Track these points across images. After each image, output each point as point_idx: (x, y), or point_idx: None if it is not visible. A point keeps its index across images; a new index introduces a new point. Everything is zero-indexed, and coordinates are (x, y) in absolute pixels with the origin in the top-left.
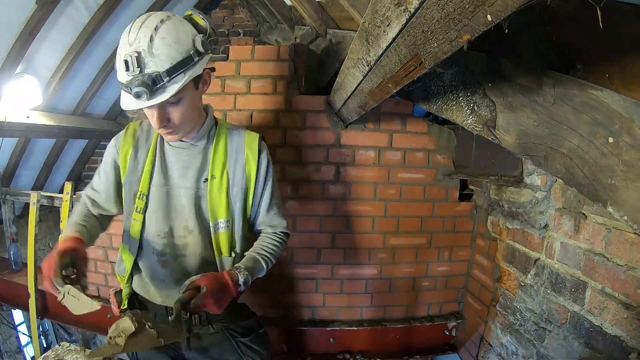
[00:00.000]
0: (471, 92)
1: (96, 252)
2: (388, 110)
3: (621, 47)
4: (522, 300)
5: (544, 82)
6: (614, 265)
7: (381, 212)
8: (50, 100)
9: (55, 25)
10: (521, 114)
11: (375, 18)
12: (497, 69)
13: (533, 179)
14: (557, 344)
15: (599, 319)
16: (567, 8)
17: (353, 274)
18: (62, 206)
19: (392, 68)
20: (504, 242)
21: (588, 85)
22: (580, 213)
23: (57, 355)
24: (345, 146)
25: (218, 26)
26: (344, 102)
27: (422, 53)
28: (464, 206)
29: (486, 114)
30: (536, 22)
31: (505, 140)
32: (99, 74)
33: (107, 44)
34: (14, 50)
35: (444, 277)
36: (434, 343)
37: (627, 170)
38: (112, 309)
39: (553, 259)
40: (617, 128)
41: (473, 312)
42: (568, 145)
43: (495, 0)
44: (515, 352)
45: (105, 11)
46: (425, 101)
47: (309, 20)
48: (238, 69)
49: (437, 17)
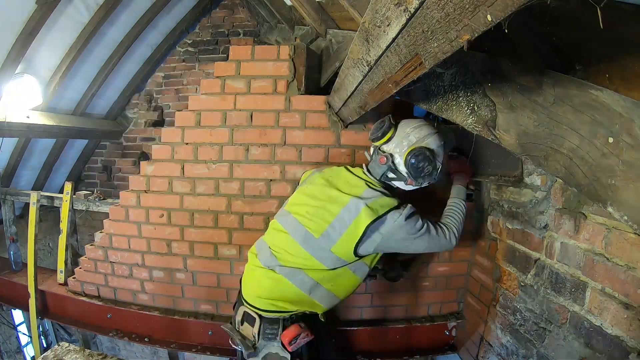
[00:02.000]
0: (471, 92)
1: (96, 252)
2: (388, 111)
3: (621, 47)
4: (522, 300)
5: (544, 82)
6: (614, 265)
7: None
8: (50, 100)
9: (55, 25)
10: (521, 114)
11: (375, 18)
12: (497, 69)
13: (533, 179)
14: (557, 344)
15: (599, 319)
16: (567, 8)
17: None
18: (62, 206)
19: (392, 68)
20: (504, 242)
21: (588, 85)
22: (580, 213)
23: (57, 355)
24: (345, 146)
25: (218, 26)
26: (344, 102)
27: (422, 53)
28: None
29: (486, 114)
30: (536, 22)
31: (505, 140)
32: (99, 74)
33: (107, 44)
34: (14, 50)
35: (444, 277)
36: (434, 343)
37: (627, 170)
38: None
39: (553, 259)
40: (617, 128)
41: (473, 312)
42: (568, 145)
43: (495, 0)
44: (515, 352)
45: (105, 11)
46: (425, 101)
47: (309, 20)
48: (238, 69)
49: (437, 17)
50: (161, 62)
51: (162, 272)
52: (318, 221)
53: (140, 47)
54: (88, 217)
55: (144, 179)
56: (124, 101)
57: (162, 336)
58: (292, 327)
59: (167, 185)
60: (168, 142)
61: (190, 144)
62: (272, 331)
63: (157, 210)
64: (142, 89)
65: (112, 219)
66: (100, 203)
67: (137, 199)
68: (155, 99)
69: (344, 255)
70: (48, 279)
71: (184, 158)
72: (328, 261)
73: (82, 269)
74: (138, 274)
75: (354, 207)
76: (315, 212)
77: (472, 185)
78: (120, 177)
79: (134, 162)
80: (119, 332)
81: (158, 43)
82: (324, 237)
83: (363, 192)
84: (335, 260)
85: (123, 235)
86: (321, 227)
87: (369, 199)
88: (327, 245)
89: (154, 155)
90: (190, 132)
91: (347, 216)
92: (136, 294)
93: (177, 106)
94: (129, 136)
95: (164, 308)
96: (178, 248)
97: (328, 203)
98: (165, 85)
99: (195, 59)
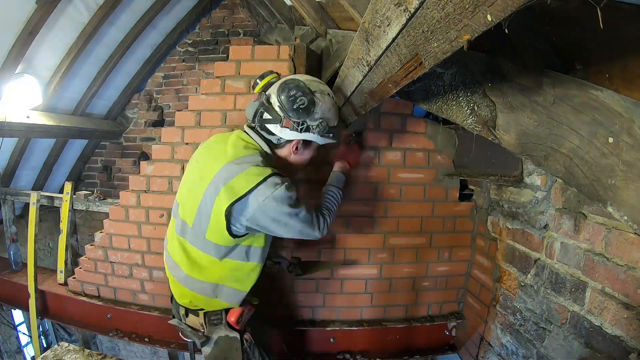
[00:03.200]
0: (471, 92)
1: (96, 252)
2: (388, 110)
3: (621, 47)
4: (522, 300)
5: (544, 82)
6: (614, 265)
7: (381, 212)
8: (50, 100)
9: (55, 25)
10: (521, 114)
11: (375, 18)
12: (497, 69)
13: (533, 179)
14: (557, 344)
15: (599, 319)
16: (567, 8)
17: (353, 274)
18: (62, 206)
19: (392, 68)
20: (504, 242)
21: (588, 85)
22: (580, 213)
23: (57, 355)
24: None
25: (218, 26)
26: (344, 102)
27: (422, 53)
28: (464, 206)
29: (486, 114)
30: (536, 22)
31: (505, 140)
32: (99, 74)
33: (107, 44)
34: (14, 50)
35: (444, 277)
36: (434, 343)
37: (627, 170)
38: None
39: (553, 259)
40: (617, 128)
41: (473, 312)
42: (568, 145)
43: (495, 0)
44: (515, 352)
45: (105, 11)
46: (425, 101)
47: (309, 20)
48: (238, 69)
49: (437, 17)
50: (161, 62)
51: (162, 272)
52: (190, 206)
53: (140, 47)
54: (88, 217)
55: (144, 179)
56: (124, 101)
57: (162, 336)
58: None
59: (167, 185)
60: (168, 142)
61: (190, 144)
62: (216, 316)
63: (157, 210)
64: (142, 89)
65: (112, 219)
66: (100, 203)
67: (137, 199)
68: (155, 99)
69: (222, 240)
70: (48, 279)
71: (184, 158)
72: (212, 250)
73: (82, 269)
74: (138, 274)
75: (214, 187)
76: (187, 196)
77: (472, 185)
78: (120, 177)
79: (134, 162)
80: (119, 332)
81: (158, 43)
82: (196, 224)
83: (232, 158)
84: (217, 247)
85: (123, 235)
86: (192, 212)
87: (233, 173)
88: (201, 233)
89: (154, 155)
90: (190, 132)
91: (210, 198)
92: (136, 294)
93: (177, 106)
94: (129, 136)
95: (164, 308)
96: None
97: (198, 181)
98: (165, 85)
99: (195, 59)
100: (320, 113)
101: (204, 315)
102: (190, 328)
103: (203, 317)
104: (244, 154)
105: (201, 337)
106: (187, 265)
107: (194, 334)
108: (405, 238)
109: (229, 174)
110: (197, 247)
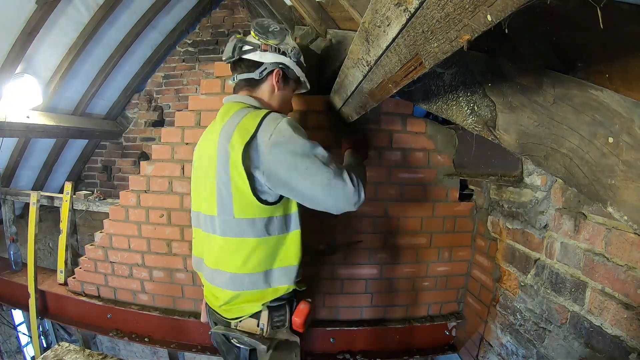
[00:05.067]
0: (471, 92)
1: (96, 252)
2: (388, 110)
3: (621, 47)
4: (522, 300)
5: (544, 82)
6: (614, 265)
7: (381, 212)
8: (50, 100)
9: (55, 25)
10: (521, 114)
11: (375, 18)
12: (497, 69)
13: (533, 179)
14: (557, 344)
15: (599, 319)
16: (567, 8)
17: (353, 274)
18: (62, 206)
19: (392, 68)
20: (504, 242)
21: (588, 85)
22: (580, 213)
23: (57, 355)
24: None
25: (218, 26)
26: (344, 102)
27: (422, 53)
28: (464, 206)
29: (486, 114)
30: (536, 22)
31: (505, 140)
32: (99, 74)
33: (107, 44)
34: (14, 50)
35: (444, 277)
36: (434, 343)
37: (627, 170)
38: None
39: (553, 259)
40: (617, 128)
41: (473, 312)
42: (568, 145)
43: (495, 0)
44: (515, 352)
45: (105, 11)
46: (425, 101)
47: (309, 20)
48: None
49: (437, 17)
50: (161, 62)
51: (162, 272)
52: (208, 196)
53: (140, 47)
54: (88, 217)
55: (144, 179)
56: (124, 101)
57: (162, 336)
58: (302, 304)
59: (167, 185)
60: (168, 142)
61: (190, 144)
62: (279, 318)
63: (157, 210)
64: (142, 89)
65: (112, 219)
66: (100, 203)
67: (137, 199)
68: (155, 99)
69: (251, 210)
70: (48, 279)
71: (184, 158)
72: (248, 229)
73: (82, 269)
74: (138, 274)
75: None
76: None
77: (472, 185)
78: (120, 177)
79: (134, 162)
80: (119, 332)
81: (158, 43)
82: (220, 209)
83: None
84: (252, 223)
85: (123, 235)
86: (212, 199)
87: (232, 126)
88: (229, 214)
89: (154, 155)
90: (190, 132)
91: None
92: (136, 294)
93: (177, 106)
94: (129, 136)
95: (164, 308)
96: (178, 248)
97: (207, 166)
98: (165, 85)
99: (195, 59)
100: (292, 42)
101: (268, 315)
102: (246, 334)
103: (267, 317)
104: (235, 111)
105: (266, 340)
106: (229, 262)
107: (260, 339)
108: (405, 238)
109: (229, 130)
110: (231, 236)
